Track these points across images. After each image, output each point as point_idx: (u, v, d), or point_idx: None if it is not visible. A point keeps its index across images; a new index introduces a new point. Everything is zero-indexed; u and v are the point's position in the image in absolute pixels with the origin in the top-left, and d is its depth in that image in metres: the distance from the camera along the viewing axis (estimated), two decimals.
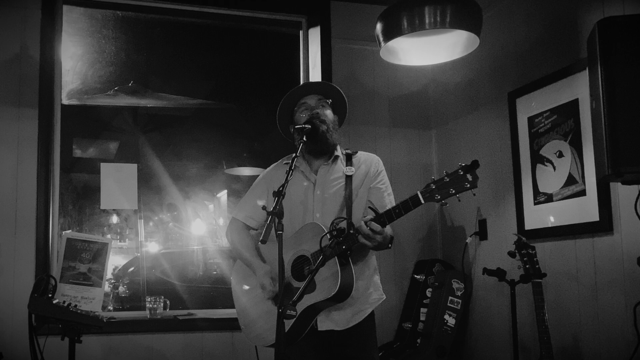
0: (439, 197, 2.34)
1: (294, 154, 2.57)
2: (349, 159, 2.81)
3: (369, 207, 2.57)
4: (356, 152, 2.85)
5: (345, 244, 2.49)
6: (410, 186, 2.67)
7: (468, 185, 2.30)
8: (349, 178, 2.74)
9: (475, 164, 2.29)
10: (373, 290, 2.78)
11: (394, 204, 2.71)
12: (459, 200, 2.35)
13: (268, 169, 2.99)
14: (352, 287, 2.54)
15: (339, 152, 2.82)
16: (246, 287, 2.87)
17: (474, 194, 2.34)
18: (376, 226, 2.42)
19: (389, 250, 2.79)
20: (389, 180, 2.85)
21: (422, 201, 2.38)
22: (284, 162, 2.91)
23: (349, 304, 2.64)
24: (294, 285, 2.63)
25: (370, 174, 2.79)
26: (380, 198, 2.75)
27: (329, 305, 2.60)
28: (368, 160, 2.83)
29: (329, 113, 2.78)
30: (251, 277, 2.83)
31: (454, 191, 2.32)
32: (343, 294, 2.53)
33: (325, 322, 2.67)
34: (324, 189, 2.75)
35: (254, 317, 2.80)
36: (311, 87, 2.89)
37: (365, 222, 2.44)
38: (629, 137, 2.41)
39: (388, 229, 2.54)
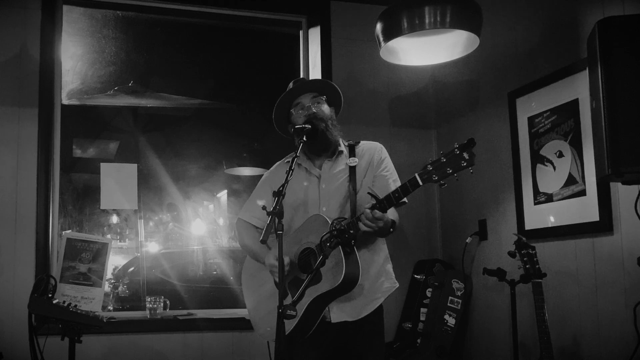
0: (436, 177, 2.32)
1: (294, 154, 2.57)
2: (352, 150, 2.80)
3: (369, 193, 2.54)
4: (359, 143, 2.84)
5: (347, 232, 2.48)
6: None
7: (465, 164, 2.28)
8: (352, 169, 2.74)
9: (471, 142, 2.27)
10: (385, 278, 2.76)
11: None
12: (457, 180, 2.33)
13: (271, 168, 3.00)
14: (358, 275, 2.52)
15: (342, 146, 2.82)
16: (256, 284, 2.87)
17: (472, 172, 2.31)
18: (377, 212, 2.43)
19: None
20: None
21: (420, 183, 2.36)
22: (286, 161, 2.90)
23: (360, 294, 2.63)
24: (300, 278, 2.61)
25: (374, 162, 2.78)
26: (386, 185, 2.72)
27: (337, 296, 2.58)
28: (371, 149, 2.82)
29: (325, 109, 2.77)
30: (261, 273, 2.83)
31: (451, 170, 2.29)
32: (349, 283, 2.51)
33: (338, 314, 2.65)
34: (329, 183, 2.75)
35: (264, 312, 2.78)
36: (305, 86, 2.86)
37: (366, 209, 2.44)
38: (629, 137, 2.41)
39: (394, 214, 2.53)
